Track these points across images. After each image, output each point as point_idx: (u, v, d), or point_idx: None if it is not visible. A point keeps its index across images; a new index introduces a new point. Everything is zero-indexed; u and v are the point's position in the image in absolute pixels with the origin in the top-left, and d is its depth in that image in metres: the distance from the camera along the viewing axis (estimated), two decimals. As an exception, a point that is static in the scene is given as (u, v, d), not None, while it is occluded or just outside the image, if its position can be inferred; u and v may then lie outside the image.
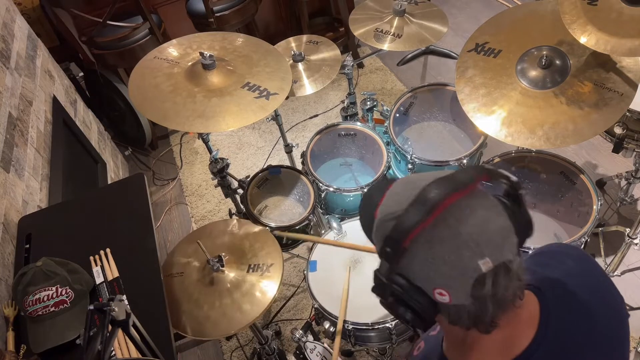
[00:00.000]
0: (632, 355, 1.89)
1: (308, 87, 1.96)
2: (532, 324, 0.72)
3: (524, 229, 0.71)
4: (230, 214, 2.42)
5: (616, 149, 1.81)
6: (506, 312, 0.67)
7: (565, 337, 0.72)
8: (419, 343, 0.94)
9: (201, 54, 1.63)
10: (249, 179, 2.03)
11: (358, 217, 1.82)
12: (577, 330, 0.74)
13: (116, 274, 1.39)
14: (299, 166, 2.17)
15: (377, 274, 0.71)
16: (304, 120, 3.20)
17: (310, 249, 1.76)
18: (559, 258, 0.86)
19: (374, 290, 0.72)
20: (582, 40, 1.35)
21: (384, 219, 0.70)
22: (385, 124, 2.09)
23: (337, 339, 1.50)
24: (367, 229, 0.78)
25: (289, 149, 2.44)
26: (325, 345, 1.61)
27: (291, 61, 2.00)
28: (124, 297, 1.32)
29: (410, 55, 2.70)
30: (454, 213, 0.64)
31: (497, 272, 0.63)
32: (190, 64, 1.69)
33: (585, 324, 0.75)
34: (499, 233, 0.65)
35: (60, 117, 2.27)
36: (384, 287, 0.69)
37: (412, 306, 0.68)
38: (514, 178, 0.70)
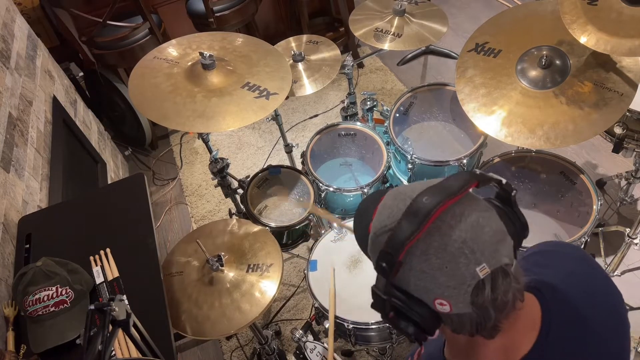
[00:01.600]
0: (632, 355, 1.89)
1: (308, 87, 1.96)
2: (534, 326, 0.72)
3: (519, 230, 0.70)
4: (230, 214, 2.42)
5: (616, 149, 1.81)
6: (508, 315, 0.66)
7: (567, 338, 0.72)
8: (418, 348, 0.93)
9: (201, 54, 1.63)
10: (249, 179, 2.03)
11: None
12: (579, 332, 0.74)
13: (116, 274, 1.39)
14: (299, 166, 2.17)
15: (374, 290, 0.69)
16: (304, 120, 3.20)
17: (311, 249, 1.76)
18: (559, 258, 0.85)
19: (373, 306, 0.71)
20: (582, 40, 1.35)
21: (377, 233, 0.69)
22: (385, 124, 2.09)
23: (331, 338, 1.50)
24: (363, 244, 0.77)
25: (289, 149, 2.44)
26: (325, 345, 1.61)
27: (291, 61, 2.00)
28: (124, 297, 1.32)
29: (410, 55, 2.70)
30: (447, 221, 0.63)
31: (495, 277, 0.63)
32: (190, 64, 1.69)
33: (587, 325, 0.75)
34: (494, 237, 0.64)
35: (60, 117, 2.28)
36: (383, 302, 0.68)
37: (414, 319, 0.66)
38: (504, 180, 0.70)
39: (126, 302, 1.01)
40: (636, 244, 1.92)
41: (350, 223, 1.71)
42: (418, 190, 0.66)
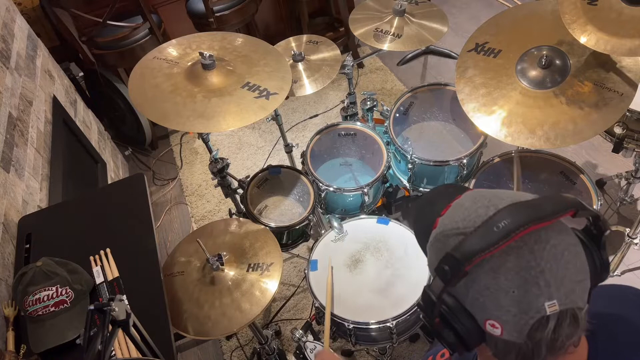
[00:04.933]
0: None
1: (308, 87, 1.96)
2: None
3: (600, 272, 0.64)
4: (230, 214, 2.42)
5: (616, 149, 1.81)
6: (556, 356, 0.61)
7: None
8: (441, 349, 0.89)
9: (201, 54, 1.63)
10: (249, 179, 2.03)
11: (359, 217, 1.82)
12: None
13: (116, 274, 1.39)
14: (299, 166, 2.17)
15: (427, 291, 0.64)
16: (304, 120, 3.20)
17: (311, 249, 1.76)
18: (621, 301, 0.79)
19: (420, 306, 0.66)
20: (582, 40, 1.35)
21: (446, 232, 0.64)
22: (385, 124, 2.09)
23: (326, 332, 1.49)
24: (422, 236, 0.72)
25: (289, 149, 2.44)
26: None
27: (291, 61, 2.00)
28: (124, 297, 1.32)
29: (410, 55, 2.70)
30: (530, 244, 0.58)
31: (561, 318, 0.57)
32: (190, 64, 1.69)
33: None
34: (575, 276, 0.59)
35: (60, 117, 2.27)
36: (433, 305, 0.63)
37: (457, 330, 0.62)
38: (602, 217, 0.64)
39: (126, 302, 1.01)
40: (636, 244, 1.92)
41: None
42: (505, 202, 0.61)
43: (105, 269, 1.40)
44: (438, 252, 0.64)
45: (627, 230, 1.93)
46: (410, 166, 1.96)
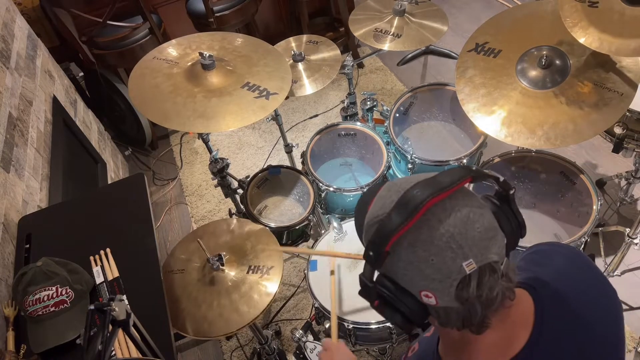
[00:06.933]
0: (632, 355, 1.89)
1: (308, 87, 1.96)
2: (527, 324, 0.72)
3: (516, 229, 0.71)
4: (230, 214, 2.42)
5: (616, 149, 1.81)
6: (496, 312, 0.67)
7: (561, 336, 0.72)
8: (413, 344, 0.94)
9: (200, 54, 1.63)
10: (249, 179, 2.03)
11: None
12: (573, 329, 0.74)
13: (116, 274, 1.39)
14: (299, 166, 2.17)
15: (361, 277, 0.70)
16: (304, 120, 3.20)
17: (311, 249, 1.76)
18: (551, 256, 0.86)
19: (360, 293, 0.72)
20: (586, 42, 1.34)
21: (369, 223, 0.71)
22: (385, 124, 2.09)
23: (334, 331, 1.49)
24: (359, 232, 0.78)
25: (289, 149, 2.44)
26: (325, 345, 1.61)
27: (291, 61, 2.00)
28: (124, 297, 1.32)
29: (410, 55, 2.70)
30: (437, 214, 0.64)
31: (482, 274, 0.63)
32: (189, 64, 1.69)
33: (581, 322, 0.75)
34: (484, 234, 0.64)
35: (60, 117, 2.28)
36: (369, 290, 0.69)
37: (400, 309, 0.67)
38: (501, 178, 0.70)
39: (126, 302, 1.01)
40: (636, 244, 1.92)
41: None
42: (411, 183, 0.67)
43: (105, 269, 1.40)
44: (365, 242, 0.71)
45: (627, 230, 1.93)
46: (410, 166, 1.96)
